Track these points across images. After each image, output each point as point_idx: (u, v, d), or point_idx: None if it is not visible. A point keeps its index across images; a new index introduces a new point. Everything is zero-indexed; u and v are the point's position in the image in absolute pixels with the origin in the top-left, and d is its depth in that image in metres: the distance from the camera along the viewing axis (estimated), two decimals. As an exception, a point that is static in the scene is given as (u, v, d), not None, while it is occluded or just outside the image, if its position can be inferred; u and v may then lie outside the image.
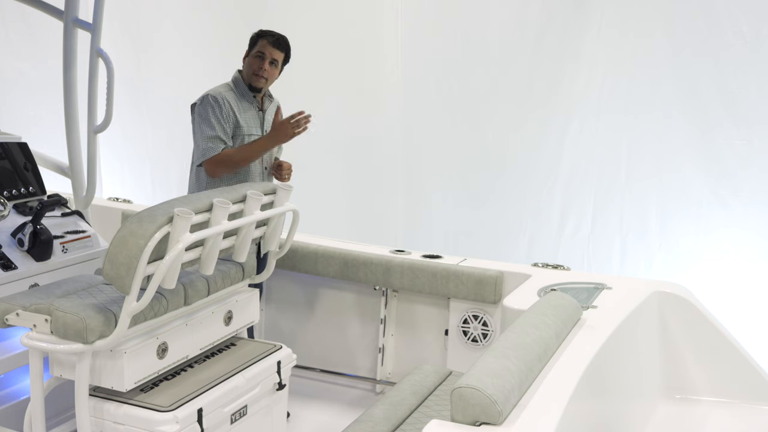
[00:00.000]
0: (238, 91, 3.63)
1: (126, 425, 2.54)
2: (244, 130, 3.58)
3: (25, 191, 3.55)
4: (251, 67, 3.60)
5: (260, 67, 3.57)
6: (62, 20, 3.78)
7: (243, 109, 3.60)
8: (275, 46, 3.59)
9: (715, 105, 4.65)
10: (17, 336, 2.93)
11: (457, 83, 5.35)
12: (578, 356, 2.58)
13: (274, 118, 3.61)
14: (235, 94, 3.61)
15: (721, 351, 3.31)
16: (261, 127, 3.67)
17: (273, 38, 3.59)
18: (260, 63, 3.58)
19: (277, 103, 3.82)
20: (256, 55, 3.59)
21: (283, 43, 3.62)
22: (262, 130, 3.66)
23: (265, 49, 3.57)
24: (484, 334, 3.78)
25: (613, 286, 3.40)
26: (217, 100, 3.52)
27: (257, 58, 3.58)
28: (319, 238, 4.16)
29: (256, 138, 3.60)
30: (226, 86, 3.64)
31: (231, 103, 3.56)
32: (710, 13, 4.55)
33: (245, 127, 3.59)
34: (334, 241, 4.10)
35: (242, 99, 3.62)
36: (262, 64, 3.58)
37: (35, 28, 6.48)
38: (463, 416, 2.11)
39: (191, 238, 2.46)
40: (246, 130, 3.59)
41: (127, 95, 6.36)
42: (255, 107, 3.67)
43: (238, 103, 3.60)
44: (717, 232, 4.77)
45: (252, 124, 3.63)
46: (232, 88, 3.64)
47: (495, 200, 5.40)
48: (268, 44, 3.58)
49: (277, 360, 3.05)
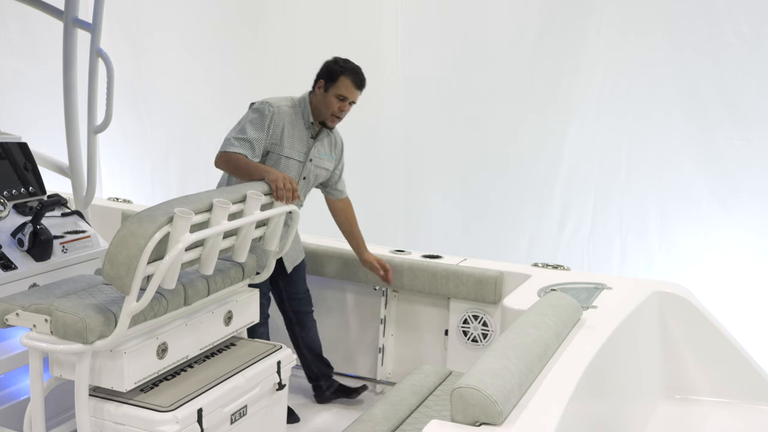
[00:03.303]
0: (298, 112, 3.53)
1: (126, 425, 2.54)
2: (283, 150, 3.48)
3: (25, 191, 3.55)
4: (330, 106, 3.46)
5: (341, 110, 3.47)
6: (62, 20, 3.78)
7: (294, 131, 3.50)
8: (358, 87, 3.47)
9: (715, 105, 4.65)
10: (17, 336, 2.93)
11: (457, 83, 5.35)
12: (578, 356, 2.58)
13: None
14: (293, 114, 3.51)
15: (721, 351, 3.31)
16: (305, 154, 3.54)
17: (357, 79, 3.46)
18: (341, 105, 3.46)
19: (340, 141, 3.72)
20: (338, 97, 3.44)
21: (364, 82, 3.49)
22: (306, 158, 3.55)
23: (348, 92, 3.44)
24: (484, 334, 3.78)
25: (613, 286, 3.40)
26: (273, 113, 3.43)
27: (339, 100, 3.45)
28: (319, 238, 4.16)
29: (293, 162, 3.50)
30: (290, 101, 3.53)
31: (285, 120, 3.47)
32: (710, 13, 4.55)
33: (286, 148, 3.48)
34: (334, 241, 4.10)
35: (298, 120, 3.52)
36: (343, 107, 3.47)
37: (35, 28, 6.49)
38: (463, 416, 2.11)
39: (191, 238, 2.45)
40: (286, 151, 3.48)
41: (127, 95, 6.36)
42: (308, 134, 3.56)
43: (293, 123, 3.50)
44: (717, 232, 4.77)
45: (296, 148, 3.51)
46: (294, 105, 3.53)
47: (495, 200, 5.40)
48: (353, 86, 3.44)
49: (277, 360, 3.05)
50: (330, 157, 3.68)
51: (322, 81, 3.49)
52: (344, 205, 3.83)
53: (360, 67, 3.50)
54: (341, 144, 3.77)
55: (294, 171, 3.54)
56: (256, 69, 5.98)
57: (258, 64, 5.97)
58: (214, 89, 6.19)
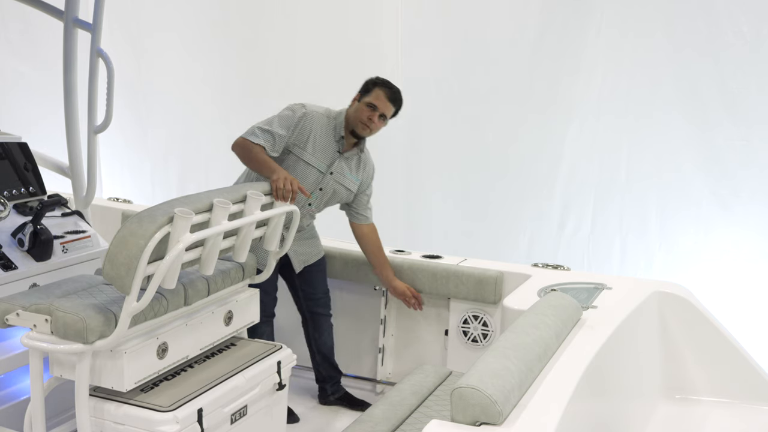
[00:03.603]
0: (331, 123, 3.54)
1: (126, 425, 2.54)
2: (304, 155, 3.49)
3: (25, 191, 3.55)
4: (360, 115, 3.48)
5: (370, 118, 3.48)
6: (62, 20, 3.78)
7: (322, 140, 3.51)
8: (391, 100, 3.48)
9: (715, 105, 4.65)
10: (17, 336, 2.93)
11: (457, 83, 5.34)
12: (578, 356, 2.58)
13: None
14: (325, 123, 3.52)
15: (721, 351, 3.31)
16: (328, 166, 3.55)
17: (390, 92, 3.48)
18: (370, 114, 3.47)
19: (371, 165, 3.72)
20: (368, 105, 3.47)
21: (398, 99, 3.50)
22: (327, 169, 3.55)
23: (378, 102, 3.46)
24: (484, 334, 3.79)
25: (613, 286, 3.40)
26: (303, 114, 3.45)
27: (369, 108, 3.47)
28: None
29: (312, 169, 3.50)
30: (325, 111, 3.56)
31: (314, 126, 3.48)
32: (710, 13, 4.54)
33: (308, 153, 3.49)
34: (334, 241, 4.10)
35: (329, 131, 3.53)
36: (372, 116, 3.47)
37: (35, 28, 6.49)
38: (463, 416, 2.11)
39: (191, 238, 2.45)
40: (307, 156, 3.49)
41: (127, 96, 6.36)
42: (336, 147, 3.56)
43: (323, 131, 3.51)
44: (717, 232, 4.77)
45: (319, 156, 3.51)
46: (329, 116, 3.55)
47: (495, 200, 5.40)
48: (385, 97, 3.46)
49: (277, 360, 3.05)
50: (354, 177, 3.65)
51: (358, 94, 3.54)
52: (370, 230, 3.80)
53: (397, 88, 3.51)
54: (372, 169, 3.75)
55: (311, 179, 3.54)
56: (256, 69, 5.98)
57: (258, 64, 5.97)
58: (214, 89, 6.20)
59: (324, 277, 3.89)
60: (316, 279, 3.84)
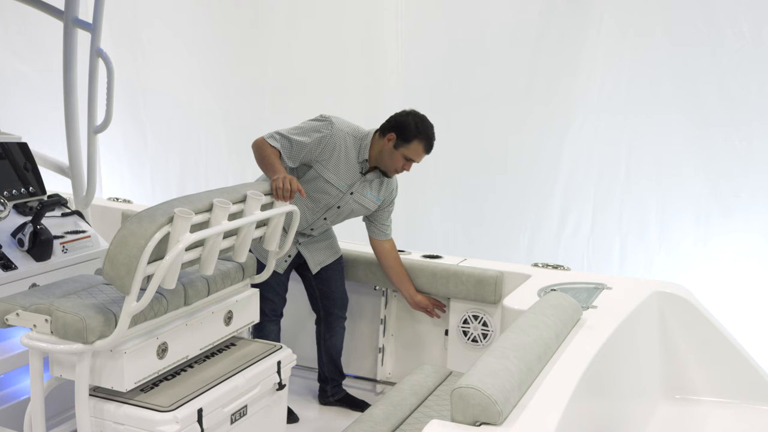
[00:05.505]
0: (356, 144, 3.47)
1: (126, 425, 2.54)
2: (325, 172, 3.45)
3: (25, 191, 3.55)
4: (395, 163, 3.44)
5: (404, 168, 3.47)
6: (62, 20, 3.78)
7: (345, 160, 3.46)
8: (427, 152, 3.46)
9: (715, 105, 4.65)
10: (17, 336, 2.93)
11: (457, 83, 5.34)
12: (578, 356, 2.58)
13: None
14: (352, 143, 3.46)
15: (721, 351, 3.31)
16: (348, 186, 3.50)
17: (429, 145, 3.42)
18: (405, 164, 3.45)
19: (394, 182, 3.64)
20: (406, 157, 3.42)
21: (433, 146, 3.46)
22: (348, 189, 3.51)
23: (417, 157, 3.43)
24: (484, 334, 3.79)
25: (613, 286, 3.40)
26: (330, 134, 3.39)
27: (406, 160, 3.43)
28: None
29: (331, 187, 3.48)
30: (353, 130, 3.48)
31: (340, 145, 3.42)
32: (710, 12, 4.55)
33: (330, 171, 3.45)
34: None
35: (353, 152, 3.47)
36: (407, 166, 3.47)
37: (35, 28, 6.48)
38: (463, 416, 2.11)
39: (191, 238, 2.45)
40: (327, 174, 3.45)
41: (127, 96, 6.37)
42: (358, 168, 3.51)
43: (347, 151, 3.45)
44: (717, 231, 4.77)
45: (341, 176, 3.47)
46: (356, 137, 3.47)
47: (495, 200, 5.40)
48: (423, 152, 3.43)
49: (277, 360, 3.05)
50: (375, 197, 3.61)
51: (393, 135, 3.41)
52: (391, 246, 3.78)
53: (433, 129, 3.44)
54: (395, 188, 3.69)
55: (331, 197, 3.53)
56: (256, 69, 5.98)
57: (258, 65, 5.97)
58: (214, 89, 6.20)
59: (341, 278, 3.88)
60: (333, 279, 3.84)
